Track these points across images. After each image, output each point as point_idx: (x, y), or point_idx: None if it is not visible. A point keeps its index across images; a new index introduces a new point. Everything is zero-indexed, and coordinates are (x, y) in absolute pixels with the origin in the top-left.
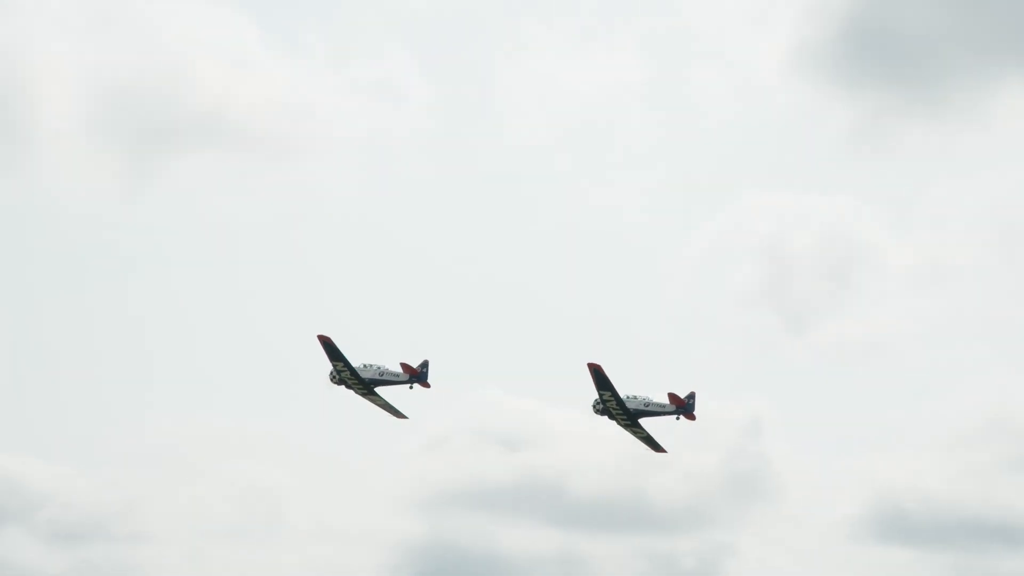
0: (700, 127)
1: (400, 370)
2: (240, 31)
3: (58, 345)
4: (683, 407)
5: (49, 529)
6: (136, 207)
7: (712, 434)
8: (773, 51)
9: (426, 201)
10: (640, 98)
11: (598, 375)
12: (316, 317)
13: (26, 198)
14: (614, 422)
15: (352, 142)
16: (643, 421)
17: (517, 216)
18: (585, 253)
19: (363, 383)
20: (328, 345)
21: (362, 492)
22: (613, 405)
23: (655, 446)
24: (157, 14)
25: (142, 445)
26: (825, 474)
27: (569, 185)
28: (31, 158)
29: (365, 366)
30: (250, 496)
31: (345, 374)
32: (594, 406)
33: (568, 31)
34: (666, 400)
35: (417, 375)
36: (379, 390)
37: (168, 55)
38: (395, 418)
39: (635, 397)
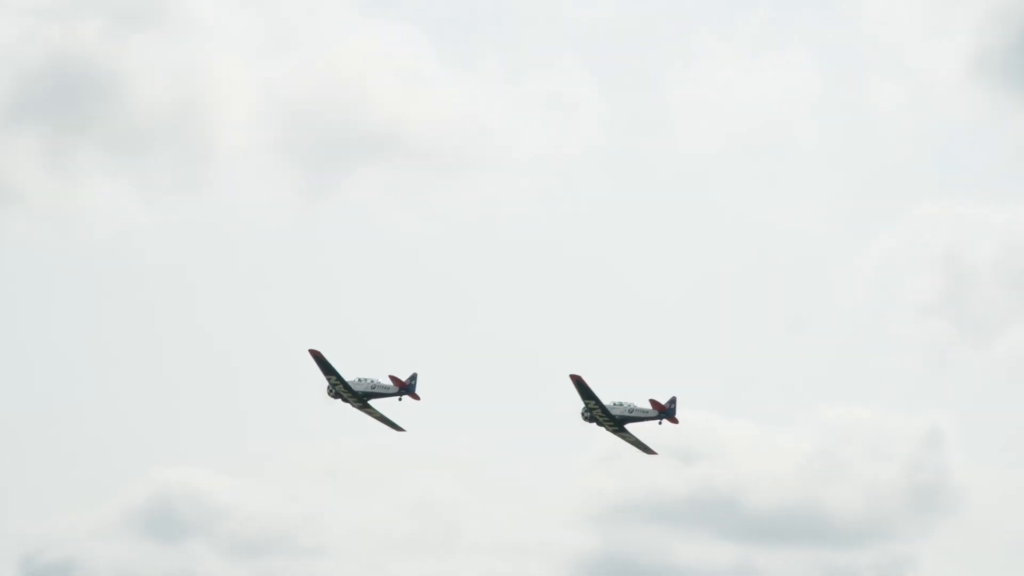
0: (876, 137)
1: (390, 383)
2: (415, 47)
3: (238, 357)
4: (665, 412)
5: (230, 542)
6: (313, 222)
7: (890, 445)
8: (952, 60)
9: (600, 214)
10: (815, 108)
11: (580, 386)
12: (489, 330)
13: (208, 213)
14: (603, 428)
15: (526, 156)
16: (629, 426)
17: (691, 228)
18: (760, 265)
19: (357, 396)
20: (320, 359)
21: (537, 506)
22: (599, 413)
23: (645, 449)
24: (334, 32)
25: (321, 458)
26: (1007, 486)
27: (744, 196)
28: (212, 174)
29: (360, 380)
30: (426, 510)
31: (339, 387)
32: (582, 414)
33: (741, 41)
34: (649, 406)
35: (406, 387)
36: (373, 403)
37: (344, 72)
38: (394, 430)
39: (620, 404)
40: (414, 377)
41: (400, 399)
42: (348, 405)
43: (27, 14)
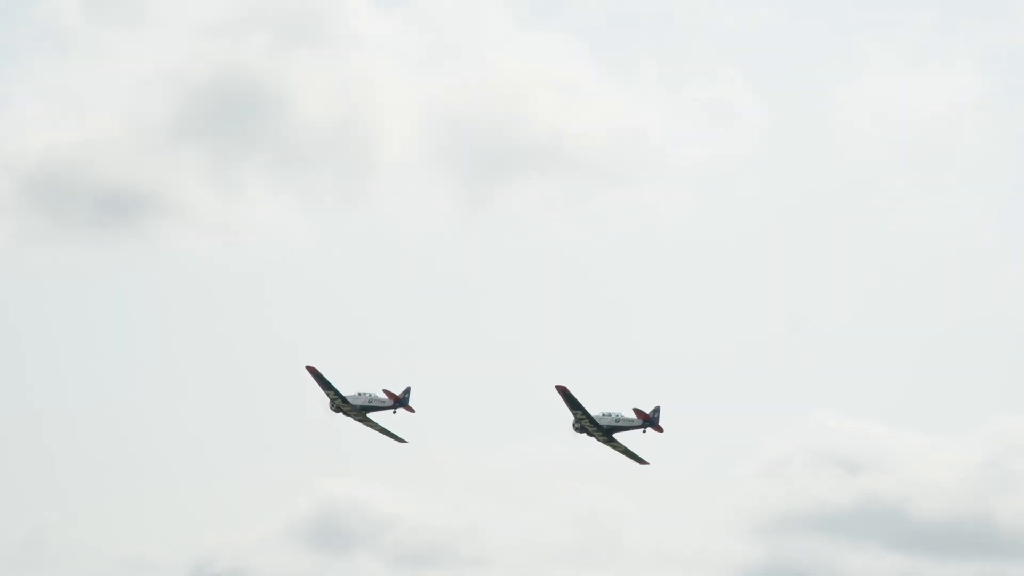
0: None
1: (385, 397)
2: (575, 58)
3: (399, 367)
4: (649, 421)
5: (395, 553)
6: (473, 234)
7: None
8: None
9: (761, 224)
10: (980, 115)
11: (567, 396)
12: (648, 338)
13: (369, 226)
14: (592, 439)
15: (685, 166)
16: (617, 436)
17: (855, 238)
18: (926, 273)
19: (356, 409)
20: (317, 375)
21: (700, 516)
22: (587, 423)
23: (636, 458)
24: (494, 44)
25: (484, 470)
26: None
27: (908, 205)
28: (374, 188)
29: (359, 394)
30: (589, 520)
31: (338, 402)
32: (573, 425)
33: (905, 48)
34: (633, 416)
35: (400, 401)
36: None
37: (504, 84)
38: (396, 441)
39: (608, 414)
40: (408, 391)
41: (395, 412)
42: (349, 418)
43: (193, 32)
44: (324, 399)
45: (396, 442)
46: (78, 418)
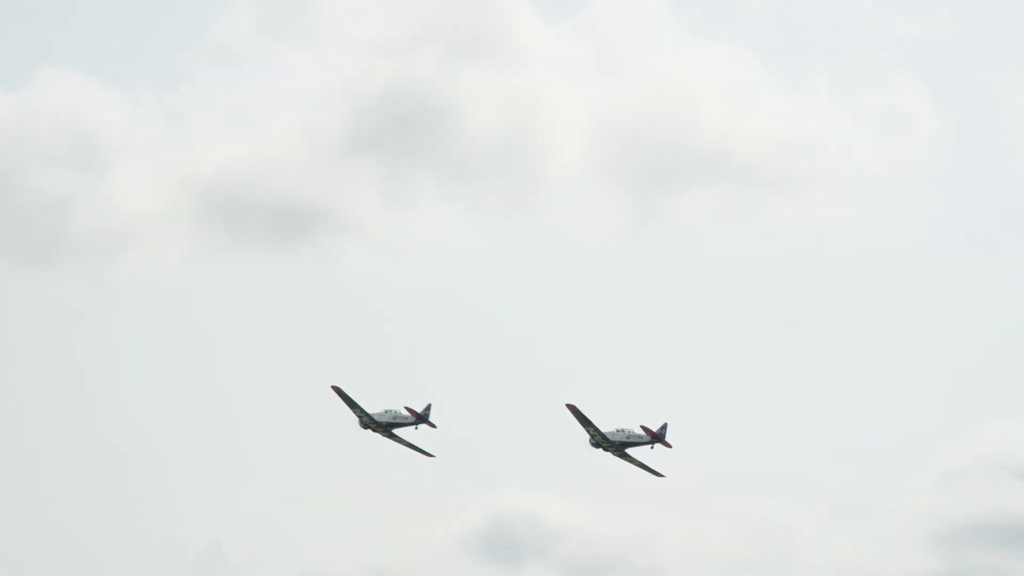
0: None
1: (408, 414)
2: (744, 67)
3: (573, 378)
4: (656, 437)
5: (568, 564)
6: (643, 245)
7: None
8: None
9: (935, 235)
10: None
11: (577, 414)
12: (820, 347)
13: (538, 238)
14: (608, 453)
15: (858, 174)
16: (629, 451)
17: None
18: None
19: (381, 426)
20: (342, 395)
21: (876, 526)
22: (600, 439)
23: (651, 471)
24: (663, 54)
25: (655, 480)
26: None
27: None
28: (543, 200)
29: (385, 411)
30: (763, 531)
31: (365, 419)
32: (589, 441)
33: None
34: (642, 432)
35: (420, 417)
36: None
37: (674, 93)
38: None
39: (621, 430)
40: (428, 408)
41: (416, 427)
42: (377, 435)
43: (364, 48)
44: (353, 418)
45: (426, 456)
46: (257, 429)
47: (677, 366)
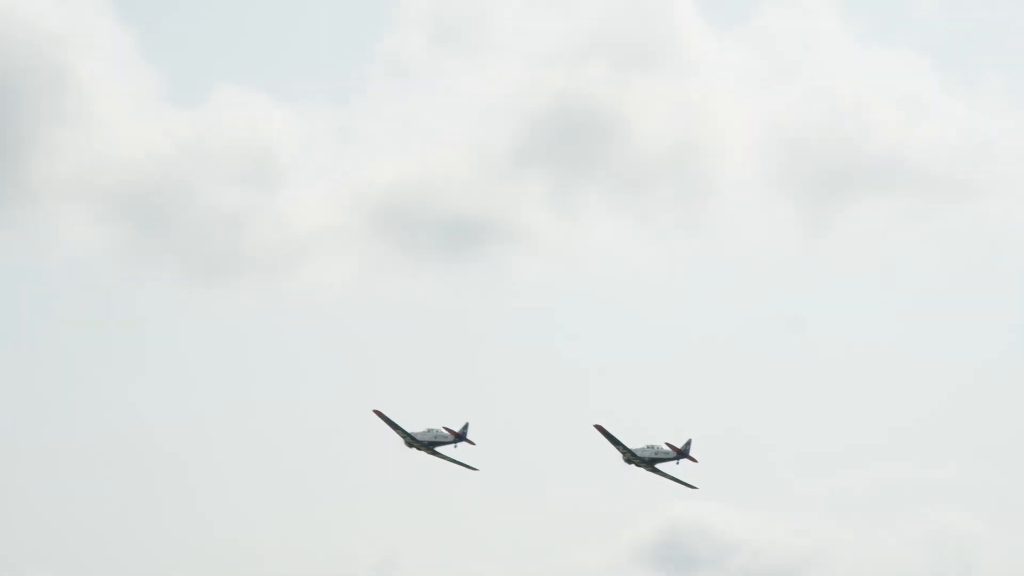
0: None
1: (447, 432)
2: (916, 72)
3: (745, 390)
4: (681, 453)
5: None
6: (816, 253)
7: None
8: None
9: None
10: None
11: (605, 434)
12: (1005, 356)
13: (709, 248)
14: (641, 468)
15: None
16: (659, 466)
17: None
18: None
19: (424, 445)
20: (384, 418)
21: None
22: (630, 456)
23: (684, 484)
24: (833, 62)
25: (828, 490)
26: None
27: None
28: (713, 209)
29: (428, 430)
30: (939, 542)
31: (408, 439)
32: (623, 458)
33: None
34: (668, 448)
35: (459, 436)
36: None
37: (844, 101)
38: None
39: (650, 447)
40: (466, 426)
41: (455, 446)
42: (423, 453)
43: (533, 61)
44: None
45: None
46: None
47: (849, 376)
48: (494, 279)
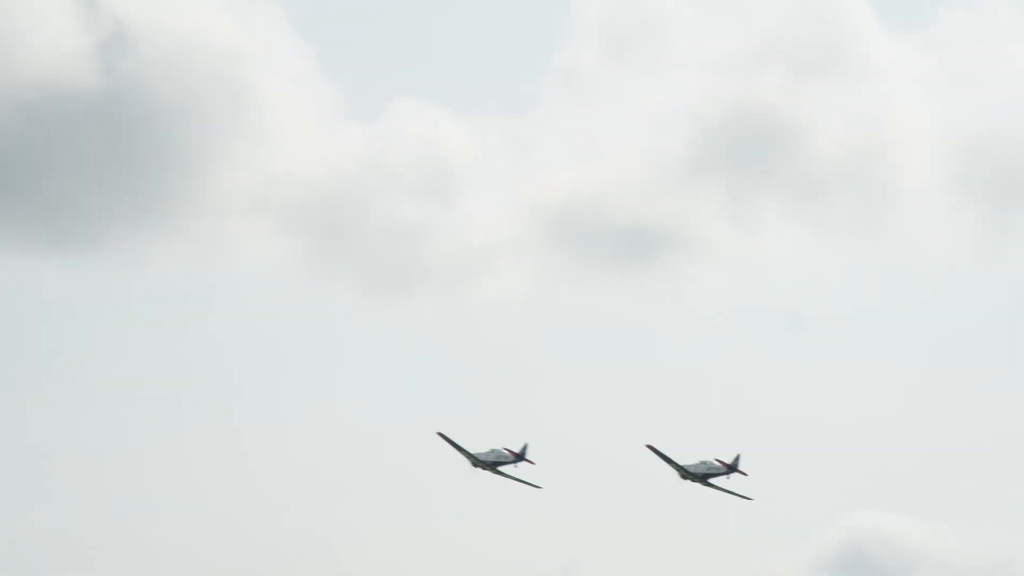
0: None
1: (508, 454)
2: None
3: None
4: (731, 468)
5: None
6: (996, 262)
7: None
8: None
9: None
10: None
11: (657, 453)
12: None
13: (888, 256)
14: (697, 484)
15: None
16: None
17: None
18: None
19: (488, 465)
20: (448, 440)
21: None
22: (683, 472)
23: (738, 495)
24: (1013, 64)
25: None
26: None
27: None
28: (892, 217)
29: (491, 450)
30: None
31: (472, 460)
32: (679, 475)
33: None
34: (719, 464)
35: (519, 456)
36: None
37: (1020, 106)
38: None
39: (703, 463)
40: (525, 447)
41: (516, 466)
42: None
43: (708, 70)
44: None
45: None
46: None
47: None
48: (671, 289)
